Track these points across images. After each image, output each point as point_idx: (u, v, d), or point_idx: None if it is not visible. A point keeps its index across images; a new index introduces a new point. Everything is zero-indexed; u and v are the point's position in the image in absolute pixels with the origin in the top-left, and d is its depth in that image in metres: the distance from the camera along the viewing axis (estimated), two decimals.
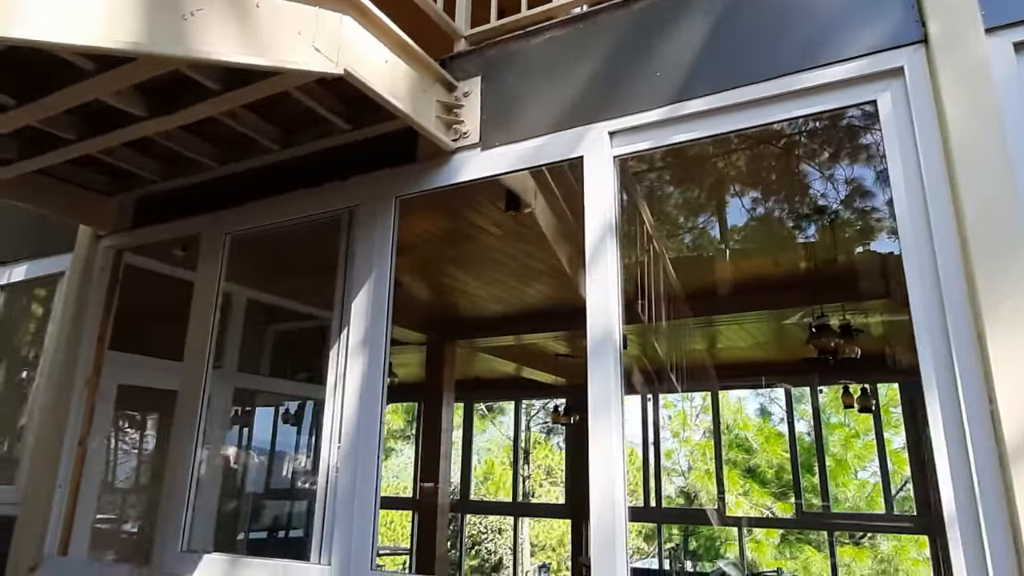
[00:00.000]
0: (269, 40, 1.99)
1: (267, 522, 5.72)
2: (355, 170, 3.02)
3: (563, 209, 3.73)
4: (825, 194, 5.95)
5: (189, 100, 2.46)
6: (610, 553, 2.08)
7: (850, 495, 15.85)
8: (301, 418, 6.27)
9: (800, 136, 4.76)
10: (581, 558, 8.77)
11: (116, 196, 3.84)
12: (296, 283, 5.31)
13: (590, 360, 2.27)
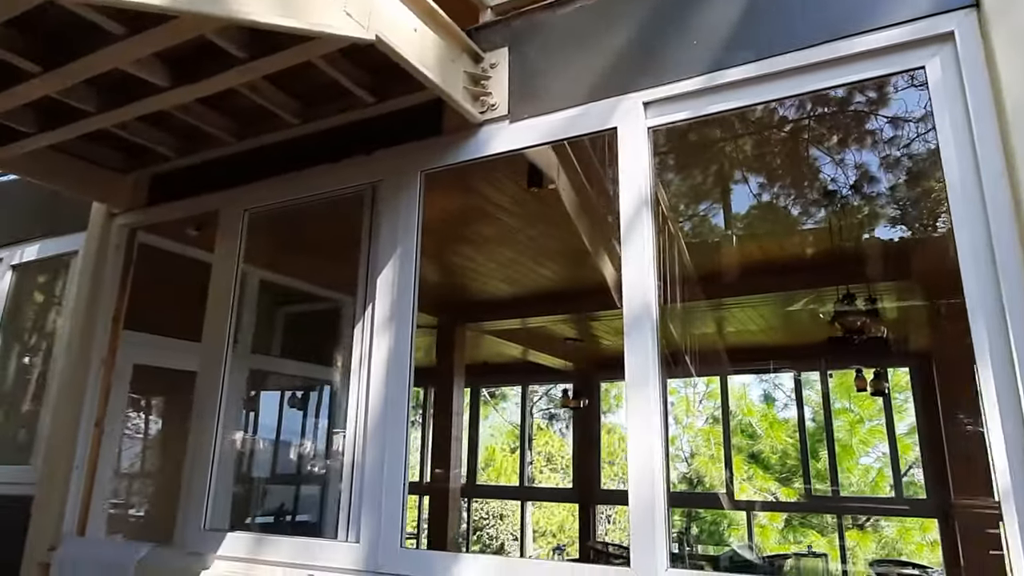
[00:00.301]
0: (303, 2, 1.93)
1: (275, 505, 5.71)
2: (378, 144, 2.96)
3: (583, 185, 3.67)
4: (835, 179, 5.90)
5: (213, 69, 2.40)
6: (650, 533, 2.05)
7: (855, 480, 15.90)
8: (307, 401, 6.24)
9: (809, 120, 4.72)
10: (590, 542, 8.79)
11: (130, 173, 3.78)
12: (308, 263, 5.26)
13: (627, 336, 2.23)
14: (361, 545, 2.52)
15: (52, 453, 3.55)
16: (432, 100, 2.83)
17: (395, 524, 2.48)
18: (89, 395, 3.59)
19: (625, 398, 2.18)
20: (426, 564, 2.39)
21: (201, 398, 3.13)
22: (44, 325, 4.37)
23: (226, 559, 2.82)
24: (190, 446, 3.11)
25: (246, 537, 2.82)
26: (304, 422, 6.26)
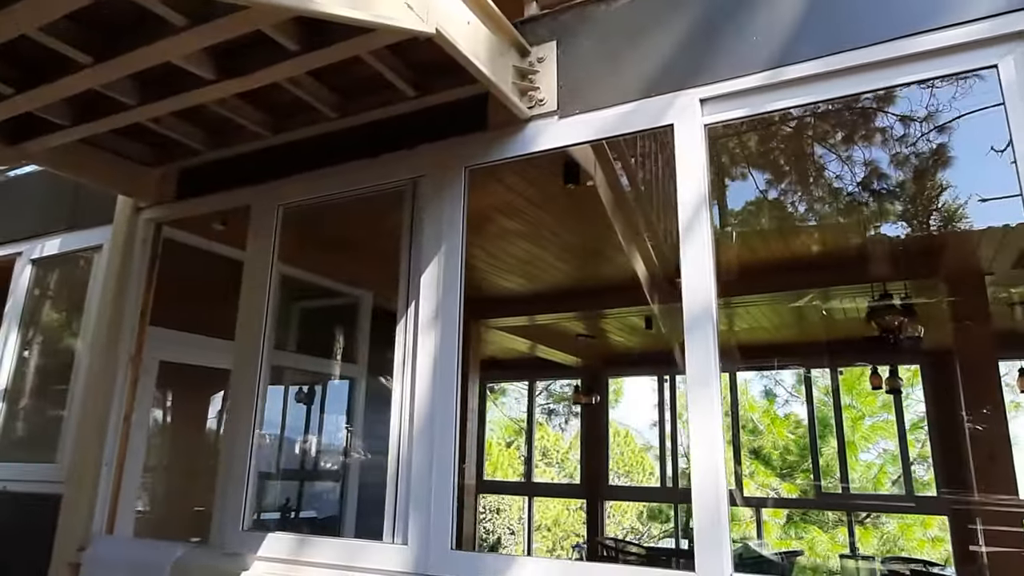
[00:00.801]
0: None
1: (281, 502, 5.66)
2: (420, 139, 2.92)
3: (617, 181, 3.64)
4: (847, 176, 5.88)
5: (262, 62, 2.35)
6: (716, 536, 2.02)
7: (856, 476, 15.96)
8: (312, 396, 6.16)
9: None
10: (598, 538, 8.78)
11: (158, 167, 3.73)
12: (326, 258, 5.22)
13: (687, 336, 2.20)
14: (410, 547, 2.48)
15: (81, 450, 3.50)
16: (476, 95, 2.80)
17: (445, 526, 2.45)
18: (118, 391, 3.54)
19: (687, 398, 2.15)
20: (479, 567, 2.36)
21: (237, 396, 3.09)
22: (66, 320, 4.31)
23: (267, 560, 2.79)
24: (225, 445, 3.07)
25: (288, 538, 2.79)
26: (309, 417, 6.19)
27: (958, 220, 5.75)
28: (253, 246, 3.28)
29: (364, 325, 5.54)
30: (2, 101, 2.36)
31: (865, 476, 15.65)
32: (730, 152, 5.56)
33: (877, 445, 16.04)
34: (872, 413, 15.86)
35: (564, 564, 2.21)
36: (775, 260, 5.33)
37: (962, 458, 7.30)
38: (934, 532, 14.60)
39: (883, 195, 5.95)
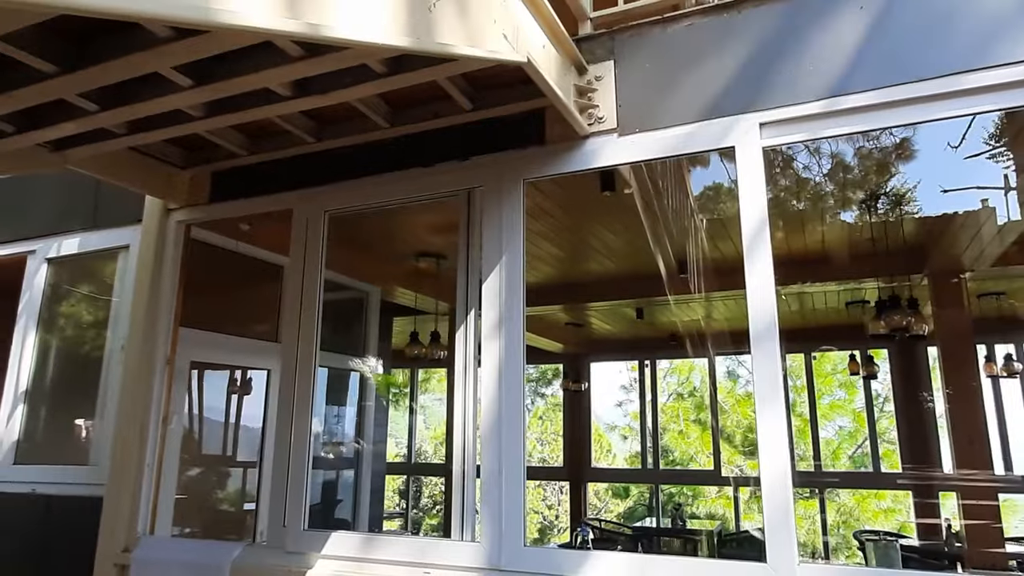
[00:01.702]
0: (477, 29, 1.97)
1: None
2: (475, 151, 3.01)
3: (649, 188, 3.80)
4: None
5: (346, 83, 2.40)
6: (786, 531, 2.22)
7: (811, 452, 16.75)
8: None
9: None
10: (584, 518, 9.08)
11: (189, 169, 3.72)
12: (347, 255, 5.27)
13: (754, 350, 2.37)
14: (482, 544, 2.62)
15: (121, 452, 3.52)
16: (532, 109, 2.90)
17: (517, 523, 2.59)
18: (156, 394, 3.57)
19: (756, 408, 2.33)
20: (552, 561, 2.51)
21: (293, 398, 3.15)
22: (92, 321, 4.27)
23: (332, 559, 2.89)
24: (279, 446, 3.15)
25: (354, 537, 2.90)
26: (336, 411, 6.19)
27: (907, 203, 6.11)
28: (298, 251, 3.32)
29: (373, 319, 5.60)
30: (83, 117, 2.37)
31: (824, 452, 16.42)
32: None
33: (834, 423, 16.87)
34: (830, 392, 16.64)
35: (639, 557, 2.38)
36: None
37: (927, 436, 7.81)
38: (886, 503, 15.52)
39: (846, 185, 6.28)
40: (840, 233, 5.64)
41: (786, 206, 5.78)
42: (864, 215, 5.46)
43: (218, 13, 1.11)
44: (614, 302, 6.95)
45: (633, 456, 17.79)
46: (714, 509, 15.65)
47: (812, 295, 7.39)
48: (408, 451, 11.53)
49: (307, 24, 1.32)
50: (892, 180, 5.86)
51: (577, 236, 5.16)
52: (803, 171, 6.63)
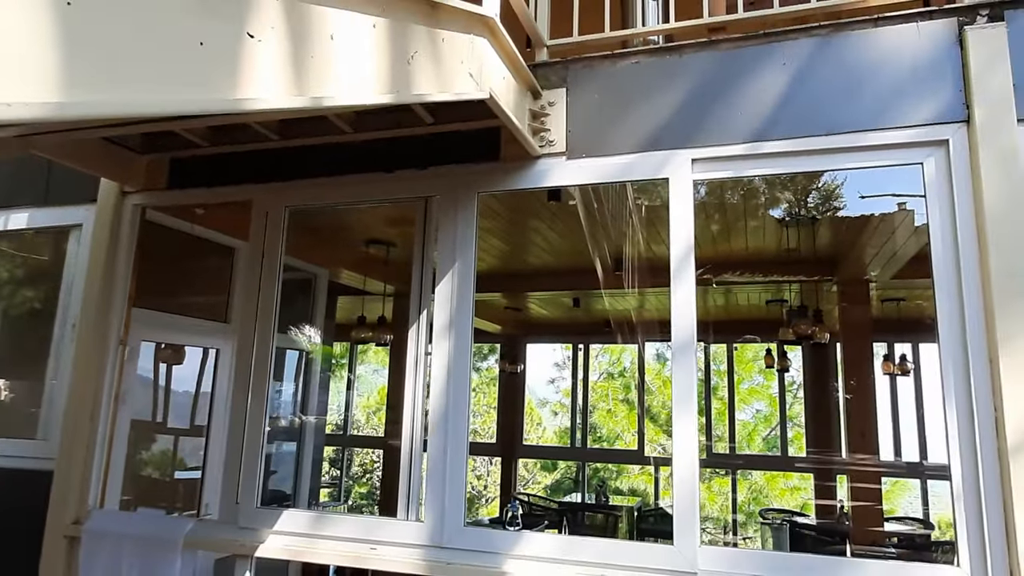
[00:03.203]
0: (447, 73, 2.19)
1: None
2: (433, 161, 3.22)
3: (591, 200, 4.10)
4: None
5: None
6: (690, 520, 2.58)
7: (728, 434, 17.82)
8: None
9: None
10: (515, 493, 9.51)
11: (147, 155, 3.78)
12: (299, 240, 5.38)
13: (674, 361, 2.71)
14: (426, 523, 2.90)
15: (71, 428, 3.61)
16: (489, 127, 3.13)
17: (459, 505, 2.88)
18: (108, 372, 3.67)
19: (673, 412, 2.67)
20: (489, 540, 2.82)
21: (249, 383, 3.32)
22: (39, 297, 4.28)
23: (284, 534, 3.11)
24: (235, 425, 3.32)
25: (305, 514, 3.13)
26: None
27: (835, 199, 6.65)
28: (257, 242, 3.46)
29: (320, 300, 5.75)
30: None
31: (741, 434, 17.48)
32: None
33: (752, 407, 17.94)
34: (749, 378, 17.66)
35: (565, 538, 2.71)
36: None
37: (830, 424, 8.53)
38: (793, 483, 16.71)
39: (775, 185, 6.78)
40: (765, 235, 6.10)
41: (721, 201, 6.19)
42: (793, 210, 5.93)
43: (245, 103, 1.29)
44: (553, 292, 7.29)
45: (563, 430, 18.45)
46: (636, 485, 16.49)
47: (736, 292, 7.93)
48: (344, 423, 11.70)
49: (311, 99, 1.51)
50: (822, 178, 6.35)
51: (521, 233, 5.44)
52: None
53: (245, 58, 1.26)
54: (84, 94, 0.94)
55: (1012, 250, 2.37)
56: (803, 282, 6.00)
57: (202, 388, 5.40)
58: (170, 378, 4.95)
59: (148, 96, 1.08)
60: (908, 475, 9.01)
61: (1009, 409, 2.30)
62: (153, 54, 1.10)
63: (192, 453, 5.16)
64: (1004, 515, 2.29)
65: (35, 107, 0.87)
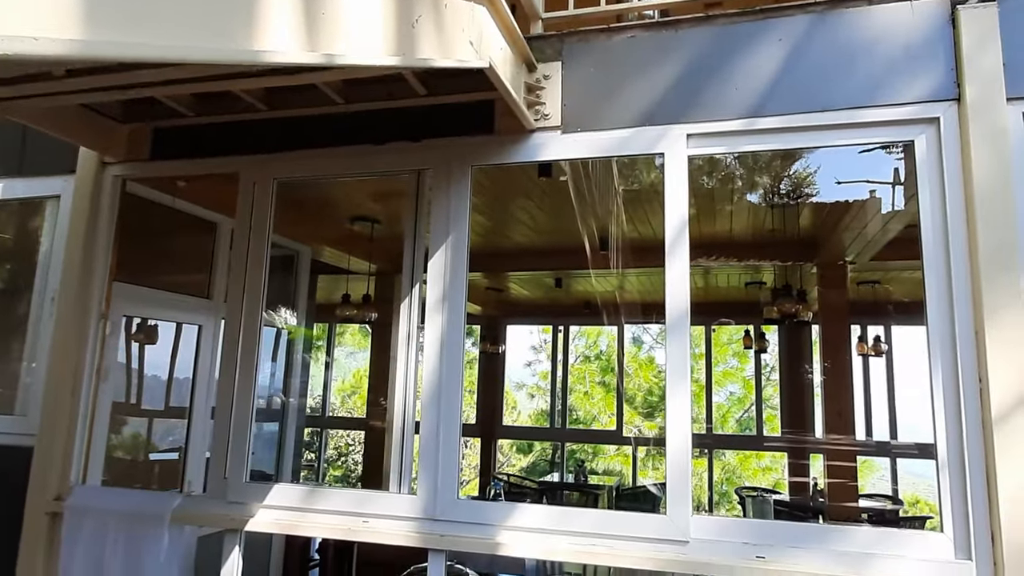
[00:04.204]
0: (449, 40, 2.16)
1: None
2: (426, 134, 3.19)
3: (581, 175, 4.09)
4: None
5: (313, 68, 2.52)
6: (683, 491, 2.62)
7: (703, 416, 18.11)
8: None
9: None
10: (495, 473, 9.56)
11: (129, 124, 3.68)
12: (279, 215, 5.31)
13: (668, 335, 2.73)
14: (419, 497, 2.90)
15: (52, 404, 3.53)
16: (483, 100, 3.10)
17: (452, 478, 2.89)
18: (90, 347, 3.60)
19: (666, 383, 2.70)
20: (482, 513, 2.83)
21: (239, 357, 3.28)
22: (16, 269, 4.16)
23: (274, 508, 3.09)
24: (221, 401, 3.28)
25: (296, 488, 3.11)
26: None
27: (807, 186, 6.76)
28: (245, 215, 3.40)
29: (303, 278, 5.68)
30: (49, 80, 2.38)
31: (715, 416, 17.78)
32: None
33: (726, 389, 18.23)
34: (724, 361, 17.92)
35: (558, 509, 2.73)
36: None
37: (804, 405, 8.70)
38: (765, 463, 17.07)
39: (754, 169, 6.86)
40: (745, 218, 6.16)
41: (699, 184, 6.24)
42: (768, 198, 5.99)
43: (263, 55, 1.26)
44: (536, 272, 7.30)
45: (538, 413, 18.59)
46: (612, 466, 16.70)
47: (716, 273, 8.01)
48: (322, 404, 11.63)
49: (324, 55, 1.48)
50: (795, 165, 6.42)
51: (507, 210, 5.42)
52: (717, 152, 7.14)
53: (261, 10, 1.23)
54: (108, 34, 0.91)
55: (1000, 225, 2.42)
56: (783, 266, 6.09)
57: (176, 368, 5.33)
58: (143, 359, 4.87)
59: (171, 42, 1.05)
60: (879, 454, 9.23)
61: (994, 380, 2.36)
62: (175, 1, 1.06)
63: (165, 435, 5.10)
64: (987, 483, 2.35)
65: (61, 43, 0.83)
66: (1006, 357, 2.36)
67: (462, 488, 13.86)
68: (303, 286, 5.71)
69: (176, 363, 4.88)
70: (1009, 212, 2.43)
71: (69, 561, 3.24)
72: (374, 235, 5.75)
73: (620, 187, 5.19)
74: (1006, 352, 2.36)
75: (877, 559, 2.39)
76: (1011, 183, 2.44)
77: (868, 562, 2.39)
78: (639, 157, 2.95)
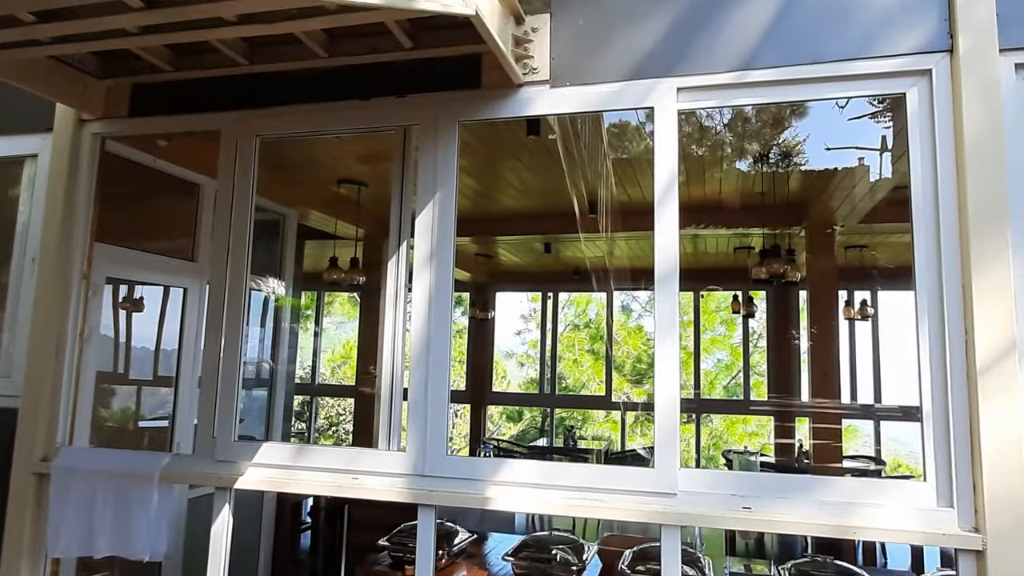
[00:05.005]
0: None
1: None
2: (412, 89, 3.12)
3: (570, 134, 4.04)
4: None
5: (293, 16, 2.46)
6: (671, 445, 2.63)
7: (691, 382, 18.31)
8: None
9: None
10: (484, 438, 9.64)
11: (107, 79, 3.59)
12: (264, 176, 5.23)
13: (657, 291, 2.72)
14: (408, 453, 2.91)
15: (37, 363, 3.49)
16: (470, 53, 3.04)
17: (440, 434, 2.89)
18: (73, 308, 3.55)
19: (655, 338, 2.70)
20: (473, 468, 2.84)
21: (225, 315, 3.24)
22: None
23: (264, 466, 3.09)
24: (210, 359, 3.25)
25: (285, 447, 3.10)
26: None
27: (796, 155, 6.75)
28: (227, 174, 3.34)
29: (289, 243, 5.62)
30: (16, 27, 2.29)
31: (703, 382, 17.98)
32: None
33: (713, 356, 18.40)
34: (712, 328, 18.06)
35: (549, 464, 2.75)
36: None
37: (791, 371, 8.79)
38: (751, 428, 17.33)
39: (744, 136, 6.83)
40: (734, 183, 6.14)
41: (688, 152, 6.21)
42: (757, 166, 5.98)
43: None
44: (525, 236, 7.26)
45: (528, 381, 18.71)
46: (600, 432, 16.90)
47: (705, 239, 8.02)
48: (312, 373, 11.62)
49: None
50: (785, 134, 6.40)
51: (495, 172, 5.37)
52: (706, 119, 7.10)
53: None
54: None
55: (989, 178, 2.42)
56: (773, 233, 6.09)
57: (164, 338, 5.29)
58: (130, 327, 4.83)
59: None
60: (863, 416, 9.37)
61: (979, 332, 2.37)
62: None
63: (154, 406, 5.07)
64: (970, 433, 2.38)
65: None
66: (992, 308, 2.37)
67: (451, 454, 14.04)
68: (290, 251, 5.65)
69: (163, 332, 4.84)
70: (999, 164, 2.42)
71: (58, 521, 3.23)
72: (361, 199, 5.68)
73: (609, 155, 5.16)
74: (992, 303, 2.37)
75: (860, 507, 2.43)
76: (1002, 135, 2.43)
77: (851, 510, 2.43)
78: (629, 111, 2.90)
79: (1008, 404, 2.30)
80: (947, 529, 2.35)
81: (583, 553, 3.64)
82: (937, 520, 2.37)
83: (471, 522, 4.10)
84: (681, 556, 2.58)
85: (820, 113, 7.09)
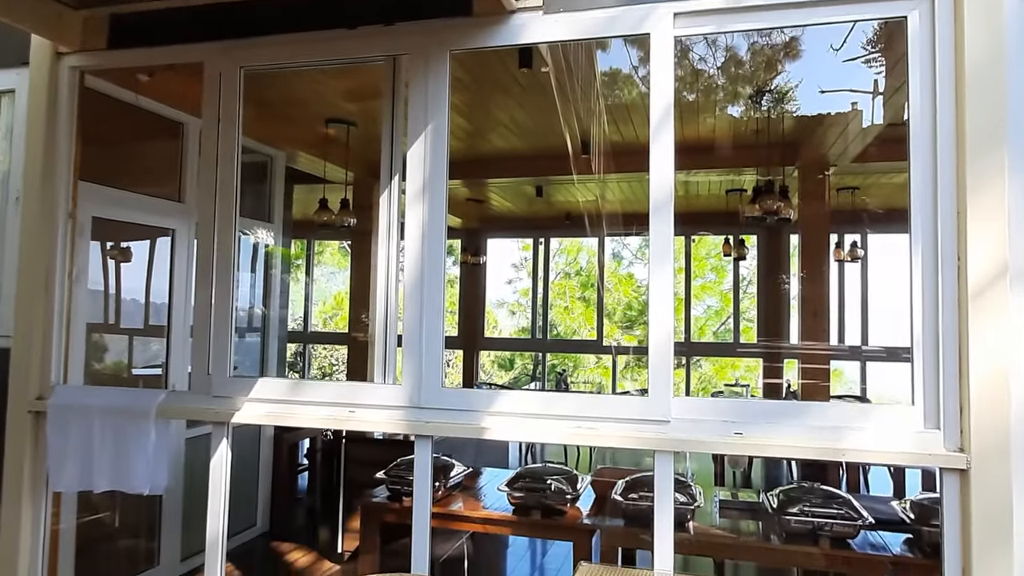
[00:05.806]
0: None
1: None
2: (400, 16, 3.03)
3: (563, 68, 3.95)
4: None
5: None
6: (665, 375, 2.66)
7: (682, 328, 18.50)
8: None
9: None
10: (477, 382, 9.75)
11: (83, 9, 3.46)
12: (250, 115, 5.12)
13: (652, 219, 2.70)
14: (403, 387, 2.92)
15: (26, 302, 3.46)
16: None
17: (436, 368, 2.90)
18: (60, 248, 3.51)
19: (648, 268, 2.70)
20: (468, 399, 2.87)
21: (215, 259, 3.21)
22: None
23: (260, 401, 3.11)
24: (201, 296, 3.23)
25: (281, 382, 3.12)
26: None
27: (787, 102, 6.68)
28: (212, 110, 3.26)
29: (278, 186, 5.54)
30: None
31: (693, 328, 18.17)
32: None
33: (703, 302, 18.55)
34: (702, 275, 18.16)
35: (545, 394, 2.78)
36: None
37: (780, 315, 8.88)
38: (740, 372, 17.62)
39: (737, 79, 6.73)
40: (726, 125, 6.07)
41: (680, 94, 6.11)
42: (750, 110, 5.91)
43: None
44: (517, 179, 7.19)
45: (520, 331, 18.85)
46: (591, 377, 17.14)
47: (697, 183, 7.97)
48: (304, 321, 11.64)
49: None
50: (778, 77, 6.31)
51: (486, 110, 5.27)
52: (699, 62, 6.98)
53: None
54: None
55: (989, 103, 2.39)
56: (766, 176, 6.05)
57: (152, 287, 5.24)
58: (120, 278, 4.79)
59: None
60: (851, 358, 9.53)
61: (972, 259, 2.38)
62: None
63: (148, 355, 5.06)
64: (959, 357, 2.41)
65: None
66: (986, 235, 2.37)
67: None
68: (278, 194, 5.58)
69: (152, 282, 4.80)
70: (1000, 89, 2.39)
71: (58, 458, 3.26)
72: (350, 139, 5.58)
73: (603, 94, 5.06)
74: (986, 230, 2.37)
75: (849, 431, 2.48)
76: (1004, 59, 2.39)
77: (840, 434, 2.48)
78: (624, 38, 2.83)
79: (998, 326, 2.32)
80: (933, 450, 2.40)
81: (577, 483, 3.72)
82: (923, 441, 2.42)
83: (467, 458, 4.17)
84: (673, 484, 2.63)
85: (813, 56, 6.97)
